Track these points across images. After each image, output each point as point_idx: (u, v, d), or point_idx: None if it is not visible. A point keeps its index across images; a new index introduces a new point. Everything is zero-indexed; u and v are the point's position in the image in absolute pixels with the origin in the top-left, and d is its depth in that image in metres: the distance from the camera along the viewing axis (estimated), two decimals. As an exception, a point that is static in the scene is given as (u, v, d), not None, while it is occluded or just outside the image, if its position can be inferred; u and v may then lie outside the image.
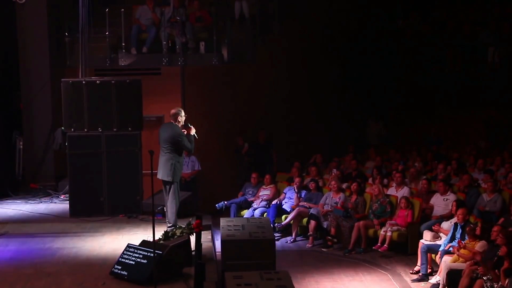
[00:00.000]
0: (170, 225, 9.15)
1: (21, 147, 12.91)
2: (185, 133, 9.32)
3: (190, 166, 13.60)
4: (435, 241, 9.91)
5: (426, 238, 10.04)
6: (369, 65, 15.85)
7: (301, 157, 14.16)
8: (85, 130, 10.42)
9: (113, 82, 10.49)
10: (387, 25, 16.75)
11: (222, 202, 12.69)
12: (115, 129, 10.44)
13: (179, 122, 9.32)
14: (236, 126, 14.55)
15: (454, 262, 8.94)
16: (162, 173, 9.17)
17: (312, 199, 12.25)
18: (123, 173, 10.35)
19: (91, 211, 10.31)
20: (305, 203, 12.18)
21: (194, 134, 9.41)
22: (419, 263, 9.87)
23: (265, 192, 12.86)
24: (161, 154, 9.25)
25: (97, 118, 10.42)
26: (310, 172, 13.28)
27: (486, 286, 7.88)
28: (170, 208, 9.25)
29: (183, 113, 9.35)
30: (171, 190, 9.23)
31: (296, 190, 12.43)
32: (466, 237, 9.06)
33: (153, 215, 7.19)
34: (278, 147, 14.70)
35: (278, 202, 12.47)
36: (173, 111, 9.37)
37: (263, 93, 14.60)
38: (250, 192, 13.09)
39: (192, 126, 9.42)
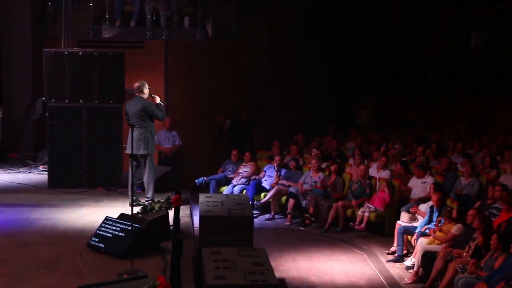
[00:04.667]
0: (148, 198, 9.13)
1: (0, 116, 12.75)
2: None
3: (171, 140, 13.58)
4: (411, 223, 9.97)
5: (403, 220, 10.09)
6: (353, 45, 15.80)
7: (282, 136, 14.16)
8: (66, 101, 10.31)
9: (95, 54, 10.38)
10: (374, 5, 16.70)
11: (202, 178, 12.69)
12: (96, 102, 10.35)
13: (145, 94, 9.24)
14: (218, 103, 14.50)
15: (430, 244, 9.01)
16: (136, 148, 9.05)
17: (291, 177, 12.29)
18: (103, 146, 10.29)
19: (69, 183, 10.24)
20: (284, 182, 12.23)
21: (160, 102, 9.34)
22: (395, 244, 9.93)
23: (245, 169, 12.89)
24: (132, 130, 9.14)
25: (78, 90, 10.31)
26: (290, 150, 13.32)
27: (459, 268, 7.95)
28: (147, 182, 9.21)
29: (147, 85, 9.27)
30: (146, 163, 9.17)
31: (276, 168, 12.47)
32: (443, 220, 9.12)
33: (132, 188, 7.10)
34: (260, 125, 14.68)
35: (257, 180, 12.49)
36: (137, 84, 9.27)
37: (246, 71, 14.53)
38: (230, 169, 13.12)
39: (156, 96, 9.34)
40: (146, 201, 9.01)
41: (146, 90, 9.23)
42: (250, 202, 10.76)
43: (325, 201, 11.41)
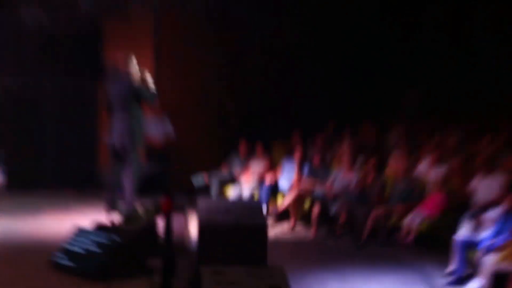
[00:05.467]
0: (127, 205, 9.19)
1: None
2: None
3: (160, 128, 13.55)
4: (475, 235, 9.87)
5: (464, 231, 10.00)
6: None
7: (304, 123, 14.29)
8: (27, 77, 10.45)
9: (65, 21, 10.57)
10: None
11: (201, 177, 12.82)
12: (66, 78, 10.59)
13: (131, 70, 9.35)
14: (220, 84, 14.69)
15: (503, 261, 8.89)
16: (118, 139, 9.13)
17: (317, 176, 12.34)
18: (74, 135, 10.42)
19: (31, 183, 10.38)
20: (308, 181, 12.24)
21: (150, 80, 9.46)
22: (454, 262, 9.84)
23: (257, 165, 12.95)
24: (113, 117, 9.20)
25: (43, 64, 10.56)
26: (316, 142, 13.29)
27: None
28: (126, 182, 9.26)
29: (133, 59, 9.36)
30: (130, 159, 9.24)
31: (297, 165, 12.45)
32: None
33: (112, 189, 7.08)
34: (276, 110, 14.87)
35: (273, 180, 12.51)
36: (121, 57, 9.37)
37: (257, 46, 14.73)
38: (238, 165, 13.21)
39: (145, 70, 9.45)
40: (126, 206, 9.12)
41: (134, 65, 9.31)
42: (264, 208, 10.80)
43: (361, 207, 11.40)
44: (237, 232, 8.28)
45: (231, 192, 12.67)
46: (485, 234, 9.71)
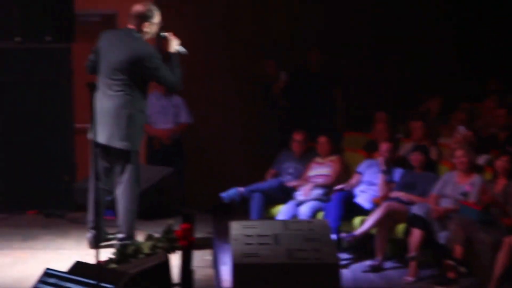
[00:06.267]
0: (122, 235, 9.31)
1: None
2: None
3: (171, 115, 13.76)
4: None
5: None
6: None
7: (390, 104, 14.61)
8: None
9: None
10: None
11: (235, 189, 12.93)
12: (17, 39, 10.77)
13: (147, 33, 9.41)
14: (259, 44, 15.01)
15: None
16: (108, 134, 9.19)
17: (415, 185, 12.35)
18: (37, 128, 10.47)
19: None
20: (400, 193, 12.26)
21: (178, 50, 9.50)
22: None
23: (320, 169, 13.11)
24: (104, 95, 9.28)
25: None
26: (412, 130, 13.32)
27: None
28: (124, 201, 9.34)
29: (156, 15, 9.43)
30: (127, 164, 9.29)
31: (383, 167, 12.49)
32: None
33: (97, 211, 6.94)
34: (346, 84, 15.14)
35: (346, 190, 12.59)
36: (138, 7, 9.43)
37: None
38: (291, 170, 13.44)
39: (170, 36, 9.52)
40: (118, 238, 9.24)
41: (151, 26, 9.43)
42: (334, 235, 11.03)
43: (487, 233, 11.25)
44: (291, 273, 8.38)
45: (282, 210, 12.68)
46: None
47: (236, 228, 9.22)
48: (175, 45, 9.46)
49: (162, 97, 13.79)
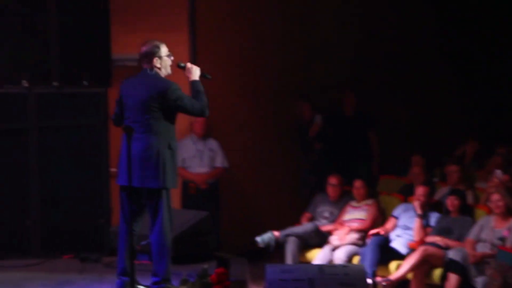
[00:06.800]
0: (157, 279, 9.18)
1: None
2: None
3: (206, 159, 13.79)
4: None
5: None
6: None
7: (425, 146, 14.44)
8: None
9: None
10: None
11: (270, 233, 12.87)
12: (55, 84, 10.73)
13: (162, 66, 9.33)
14: (291, 84, 14.88)
15: None
16: (140, 176, 9.10)
17: (451, 229, 12.26)
18: (71, 173, 10.58)
19: (8, 248, 10.68)
20: (437, 238, 12.17)
21: (201, 75, 9.43)
22: None
23: (356, 213, 13.07)
24: (129, 138, 9.15)
25: (18, 64, 10.73)
26: (448, 174, 13.24)
27: None
28: (158, 245, 9.23)
29: (164, 50, 9.36)
30: (160, 207, 9.19)
31: (419, 212, 12.42)
32: None
33: (132, 257, 6.91)
34: (382, 126, 15.08)
35: (382, 235, 12.54)
36: (142, 47, 9.36)
37: (354, 24, 15.16)
38: (326, 214, 13.39)
39: (189, 65, 9.44)
40: (153, 283, 9.12)
41: (163, 61, 9.33)
42: (370, 280, 11.03)
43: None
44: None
45: (317, 256, 12.64)
46: None
47: (272, 272, 9.14)
48: (196, 72, 9.39)
49: (198, 140, 13.79)
